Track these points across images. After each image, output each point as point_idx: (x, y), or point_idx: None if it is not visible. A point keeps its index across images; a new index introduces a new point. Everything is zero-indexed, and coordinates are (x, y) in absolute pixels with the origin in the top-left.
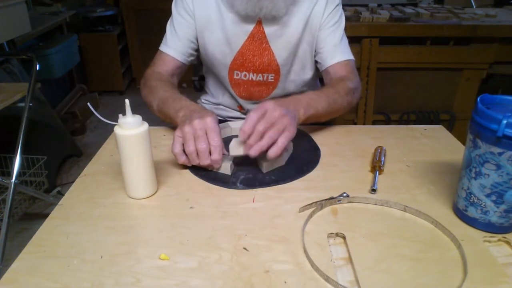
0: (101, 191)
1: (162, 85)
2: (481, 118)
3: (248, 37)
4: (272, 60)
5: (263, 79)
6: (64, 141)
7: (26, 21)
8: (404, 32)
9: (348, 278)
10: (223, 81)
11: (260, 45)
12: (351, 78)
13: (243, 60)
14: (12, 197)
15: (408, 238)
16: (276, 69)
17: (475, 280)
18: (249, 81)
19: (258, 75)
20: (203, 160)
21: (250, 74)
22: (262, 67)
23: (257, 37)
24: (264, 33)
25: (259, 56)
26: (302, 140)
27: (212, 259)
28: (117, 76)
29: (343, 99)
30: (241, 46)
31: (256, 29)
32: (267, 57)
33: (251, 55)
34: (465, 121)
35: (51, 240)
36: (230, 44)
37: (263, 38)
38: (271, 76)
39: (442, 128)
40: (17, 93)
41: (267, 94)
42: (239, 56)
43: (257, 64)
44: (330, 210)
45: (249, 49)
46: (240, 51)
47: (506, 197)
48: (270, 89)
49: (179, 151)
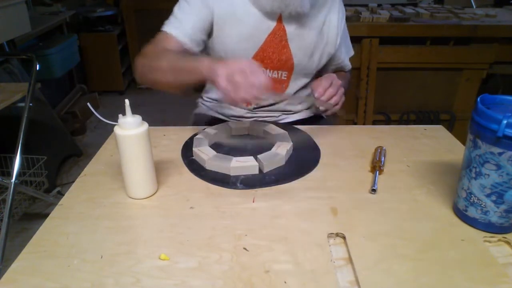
0: (101, 191)
1: (171, 51)
2: (481, 118)
3: (270, 34)
4: (289, 58)
5: (278, 76)
6: (64, 141)
7: (26, 21)
8: (404, 32)
9: (348, 278)
10: None
11: (280, 43)
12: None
13: (263, 56)
14: (12, 197)
15: (408, 238)
16: (290, 67)
17: (475, 280)
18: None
19: (274, 72)
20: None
21: (267, 71)
22: (280, 65)
23: (278, 35)
24: (284, 31)
25: (278, 53)
26: (302, 140)
27: (212, 259)
28: (117, 76)
29: (346, 86)
30: (263, 42)
31: (277, 26)
32: (285, 55)
33: (271, 52)
34: (465, 121)
35: (51, 240)
36: (252, 39)
37: (283, 36)
38: (285, 73)
39: (442, 128)
40: (17, 93)
41: (278, 92)
42: (261, 52)
43: (275, 61)
44: (330, 210)
45: (270, 46)
46: (262, 47)
47: (506, 197)
48: (282, 87)
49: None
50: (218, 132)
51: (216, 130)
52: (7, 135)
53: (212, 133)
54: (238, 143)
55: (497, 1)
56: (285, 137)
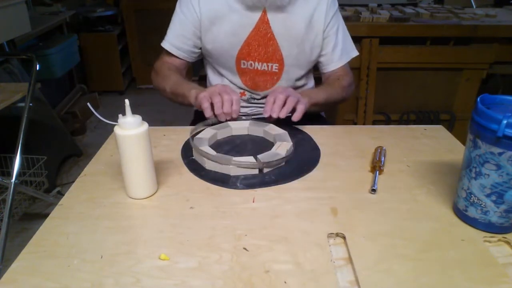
0: (101, 191)
1: (174, 74)
2: (481, 118)
3: (254, 27)
4: (277, 50)
5: (268, 69)
6: (64, 141)
7: (26, 21)
8: (404, 32)
9: (348, 278)
10: (230, 72)
11: (266, 35)
12: (346, 77)
13: (249, 50)
14: (12, 197)
15: (408, 238)
16: (280, 59)
17: (475, 280)
18: (254, 70)
19: (263, 64)
20: (226, 108)
21: (255, 63)
22: (267, 56)
23: (262, 28)
24: (268, 23)
25: (264, 46)
26: (302, 140)
27: (212, 259)
28: (117, 76)
29: (338, 94)
30: (247, 36)
31: (261, 19)
32: (272, 47)
33: (257, 45)
34: (465, 121)
35: (51, 240)
36: (237, 34)
37: (268, 28)
38: (275, 66)
39: (442, 128)
40: (17, 93)
41: (271, 85)
42: (246, 46)
43: (262, 54)
44: (330, 210)
45: (255, 39)
46: (246, 41)
47: (506, 197)
48: (274, 79)
49: (208, 105)
50: (218, 132)
51: (216, 130)
52: (7, 135)
53: (212, 133)
54: (238, 143)
55: (497, 1)
56: (285, 137)
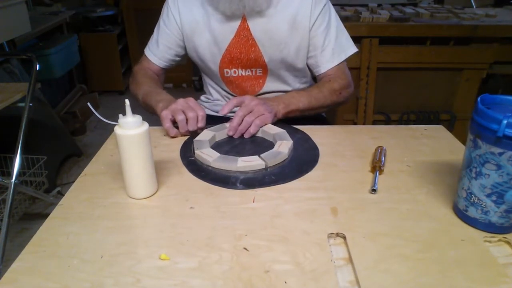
0: (101, 191)
1: (147, 81)
2: (481, 118)
3: (234, 35)
4: (259, 56)
5: (252, 74)
6: (64, 141)
7: (26, 21)
8: (404, 32)
9: (348, 278)
10: (216, 80)
11: (247, 42)
12: (338, 79)
13: (230, 57)
14: (12, 197)
15: (408, 238)
16: (263, 64)
17: (475, 280)
18: (239, 77)
19: (247, 70)
20: (192, 126)
21: (239, 70)
22: (250, 63)
23: (243, 35)
24: (249, 30)
25: (246, 53)
26: (302, 140)
27: (212, 259)
28: (117, 76)
29: (326, 98)
30: (228, 45)
31: (241, 26)
32: (254, 53)
33: (238, 52)
34: (465, 121)
35: (51, 240)
36: (218, 43)
37: (249, 35)
38: (259, 70)
39: (442, 128)
40: (17, 93)
41: (259, 88)
42: (227, 54)
43: (245, 61)
44: (330, 210)
45: (236, 47)
46: (227, 49)
47: (507, 197)
48: (260, 82)
49: (170, 125)
50: (216, 134)
51: (214, 132)
52: (7, 135)
53: (211, 134)
54: (237, 144)
55: (497, 1)
56: (285, 136)
